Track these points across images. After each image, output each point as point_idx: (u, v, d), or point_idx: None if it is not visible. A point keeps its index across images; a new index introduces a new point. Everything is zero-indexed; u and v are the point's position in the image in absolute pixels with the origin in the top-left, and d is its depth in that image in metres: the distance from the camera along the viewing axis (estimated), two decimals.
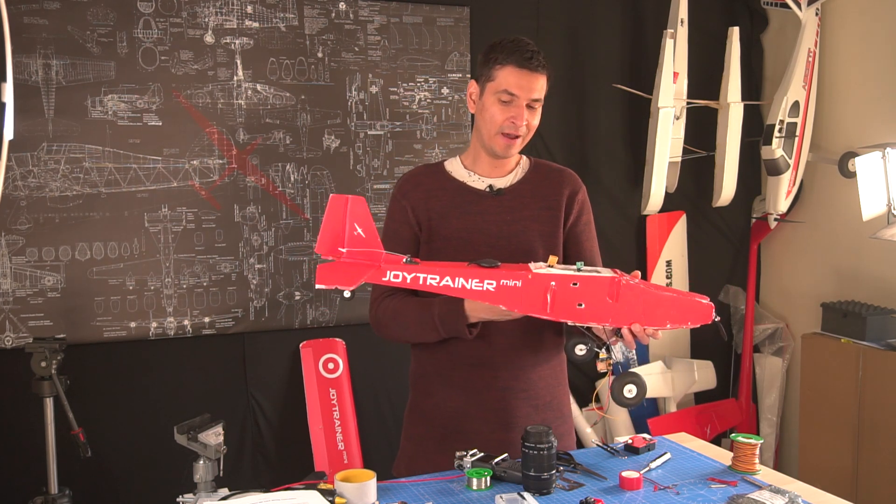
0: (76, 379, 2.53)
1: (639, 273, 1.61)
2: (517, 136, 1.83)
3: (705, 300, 1.59)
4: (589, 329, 1.70)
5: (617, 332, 1.60)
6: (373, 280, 1.54)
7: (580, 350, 1.69)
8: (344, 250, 1.51)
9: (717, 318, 1.60)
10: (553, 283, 1.55)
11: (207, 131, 2.92)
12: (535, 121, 1.86)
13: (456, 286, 1.55)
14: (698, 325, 1.59)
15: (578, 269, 1.58)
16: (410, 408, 1.98)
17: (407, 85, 3.18)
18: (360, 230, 1.51)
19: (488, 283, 1.55)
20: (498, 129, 1.83)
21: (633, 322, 1.56)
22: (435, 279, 1.55)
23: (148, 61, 2.84)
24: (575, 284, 1.55)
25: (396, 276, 1.55)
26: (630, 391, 1.60)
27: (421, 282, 1.55)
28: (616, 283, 1.54)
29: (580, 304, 1.55)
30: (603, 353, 1.65)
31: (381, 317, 1.90)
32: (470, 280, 1.56)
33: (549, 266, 1.59)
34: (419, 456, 1.90)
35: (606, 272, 1.58)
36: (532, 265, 1.60)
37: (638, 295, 1.55)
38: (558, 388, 1.93)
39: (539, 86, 1.81)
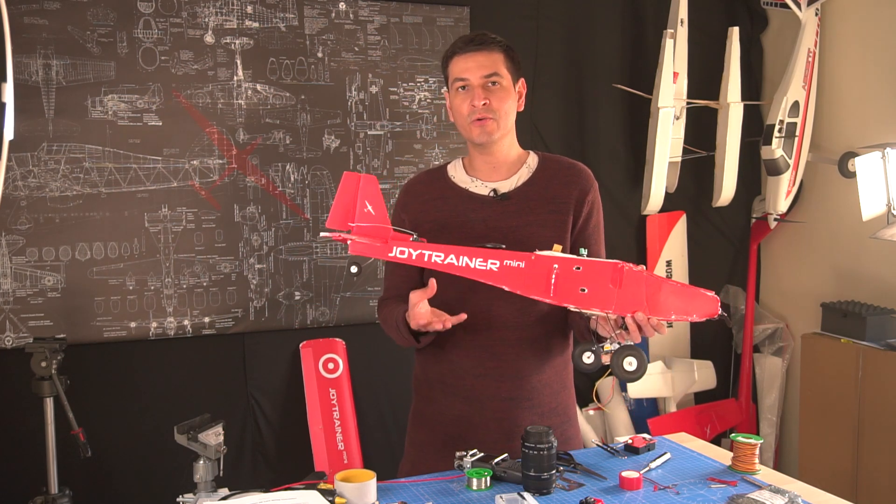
0: (76, 379, 2.53)
1: (644, 266, 1.60)
2: (485, 118, 1.78)
3: (710, 293, 1.57)
4: (595, 333, 1.69)
5: (623, 326, 1.59)
6: (380, 255, 1.56)
7: (588, 358, 1.64)
8: (353, 225, 1.54)
9: (724, 315, 1.59)
10: (556, 265, 1.55)
11: (207, 131, 2.92)
12: (501, 102, 1.78)
13: (460, 264, 1.57)
14: (703, 320, 1.57)
15: (582, 256, 1.58)
16: (413, 412, 1.97)
17: (407, 85, 3.18)
18: (370, 207, 1.54)
19: (492, 263, 1.57)
20: (465, 119, 1.79)
21: (636, 310, 1.53)
22: (440, 257, 1.57)
23: (148, 61, 2.84)
24: (578, 268, 1.55)
25: (402, 253, 1.58)
26: (630, 363, 1.57)
27: (426, 259, 1.57)
28: (619, 269, 1.54)
29: (583, 289, 1.54)
30: (608, 346, 1.63)
31: (379, 321, 1.95)
32: (474, 259, 1.57)
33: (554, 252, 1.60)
34: (420, 462, 1.89)
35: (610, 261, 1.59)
36: (537, 251, 1.60)
37: (641, 282, 1.53)
38: (563, 391, 1.91)
39: (488, 62, 1.76)
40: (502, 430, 1.82)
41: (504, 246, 1.60)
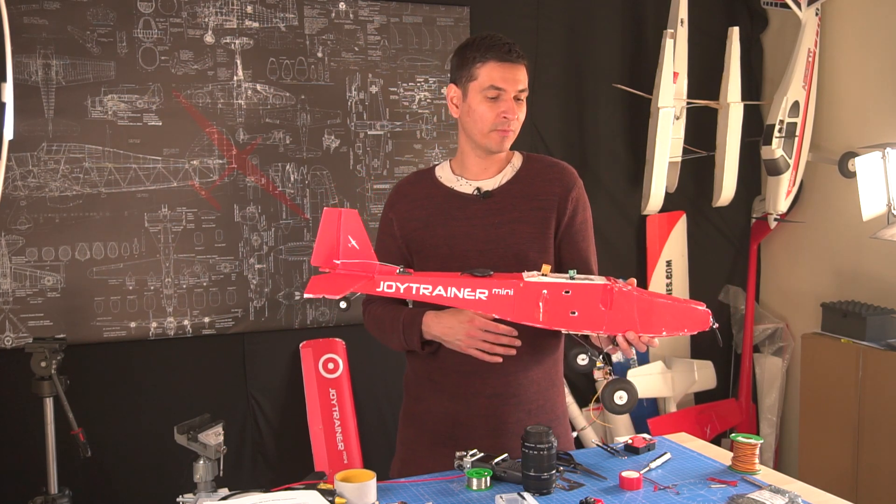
0: (76, 379, 2.53)
1: (634, 281, 1.60)
2: (510, 130, 1.81)
3: (702, 307, 1.57)
4: (586, 338, 1.69)
5: (613, 341, 1.59)
6: (366, 290, 1.56)
7: (582, 360, 1.67)
8: (339, 262, 1.54)
9: (716, 326, 1.59)
10: (545, 291, 1.55)
11: (207, 131, 2.92)
12: (523, 113, 1.83)
13: (448, 295, 1.57)
14: (695, 333, 1.58)
15: (571, 278, 1.58)
16: (403, 411, 1.98)
17: (407, 85, 3.18)
18: (353, 242, 1.54)
19: (480, 293, 1.57)
20: (490, 126, 1.79)
21: (627, 329, 1.55)
22: (427, 289, 1.57)
23: (148, 61, 2.84)
24: (567, 292, 1.55)
25: (390, 287, 1.57)
26: (621, 398, 1.60)
27: (414, 292, 1.57)
28: (609, 291, 1.54)
29: (573, 312, 1.55)
30: (600, 363, 1.64)
31: (366, 321, 1.97)
32: (462, 289, 1.57)
33: (542, 275, 1.59)
34: (410, 460, 1.90)
35: (599, 280, 1.58)
36: (525, 274, 1.60)
37: (632, 302, 1.54)
38: (551, 389, 1.91)
39: (522, 77, 1.80)
40: (489, 427, 1.83)
41: (492, 272, 1.60)
